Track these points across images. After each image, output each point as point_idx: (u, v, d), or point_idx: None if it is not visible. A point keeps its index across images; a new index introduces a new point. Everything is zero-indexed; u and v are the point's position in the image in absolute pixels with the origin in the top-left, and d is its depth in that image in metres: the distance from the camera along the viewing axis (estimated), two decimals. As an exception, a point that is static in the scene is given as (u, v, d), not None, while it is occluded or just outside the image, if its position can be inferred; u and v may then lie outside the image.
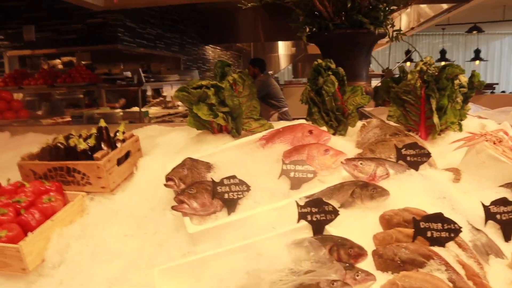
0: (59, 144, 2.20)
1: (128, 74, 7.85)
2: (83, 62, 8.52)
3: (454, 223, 1.52)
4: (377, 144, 2.11)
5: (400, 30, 3.26)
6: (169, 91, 8.24)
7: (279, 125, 2.38)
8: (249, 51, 15.93)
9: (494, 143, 2.04)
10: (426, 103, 2.27)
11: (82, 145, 2.11)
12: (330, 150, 1.96)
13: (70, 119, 6.22)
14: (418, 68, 2.28)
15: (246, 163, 2.03)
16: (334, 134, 2.38)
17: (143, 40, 8.33)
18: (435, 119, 2.21)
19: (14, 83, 7.17)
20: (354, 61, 3.07)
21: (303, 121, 2.32)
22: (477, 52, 17.47)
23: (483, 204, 1.73)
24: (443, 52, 17.43)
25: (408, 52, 16.65)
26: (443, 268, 1.41)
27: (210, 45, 13.20)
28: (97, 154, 2.06)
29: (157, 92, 9.91)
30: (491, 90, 7.45)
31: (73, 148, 2.17)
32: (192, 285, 1.51)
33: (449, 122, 2.31)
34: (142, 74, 6.80)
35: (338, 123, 2.34)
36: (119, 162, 2.18)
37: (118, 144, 2.25)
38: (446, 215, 1.53)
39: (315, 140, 2.07)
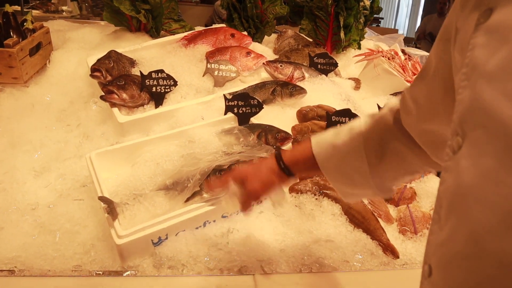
0: (-44, 29, 1.99)
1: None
2: None
3: (358, 117, 1.79)
4: (292, 52, 2.30)
5: None
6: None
7: (199, 28, 2.42)
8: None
9: (389, 59, 2.36)
10: (334, 20, 2.49)
11: (-11, 31, 1.94)
12: (252, 53, 2.09)
13: None
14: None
15: (170, 60, 2.07)
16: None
17: None
18: (342, 34, 2.45)
19: None
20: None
21: (224, 25, 2.40)
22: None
23: (378, 106, 2.04)
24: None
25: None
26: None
27: None
28: (8, 41, 1.92)
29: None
30: (377, 24, 8.12)
31: (-26, 34, 1.98)
32: (129, 169, 1.58)
33: (352, 39, 2.58)
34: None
35: (256, 30, 2.46)
36: (31, 53, 2.06)
37: (28, 34, 2.10)
38: (350, 112, 1.81)
39: (237, 43, 2.18)
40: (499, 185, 0.47)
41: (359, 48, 2.69)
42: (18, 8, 5.68)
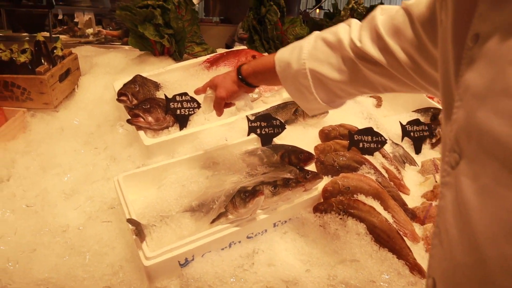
0: (-10, 58, 2.08)
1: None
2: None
3: (381, 135, 1.80)
4: (313, 71, 2.32)
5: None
6: (81, 18, 7.66)
7: (221, 51, 2.47)
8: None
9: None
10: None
11: (22, 58, 2.03)
12: (273, 74, 2.12)
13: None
14: (350, 6, 2.48)
15: (193, 83, 2.12)
16: (272, 62, 2.54)
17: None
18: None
19: None
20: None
21: (245, 47, 2.44)
22: (381, 3, 18.43)
23: (401, 123, 2.04)
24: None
25: (318, -1, 17.01)
26: (372, 171, 1.70)
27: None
28: (40, 69, 2.00)
29: (60, 21, 9.09)
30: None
31: (7, 62, 2.07)
32: (156, 191, 1.61)
33: (372, 56, 2.59)
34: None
35: (276, 51, 2.49)
36: (60, 78, 2.14)
37: (58, 61, 2.19)
38: (372, 131, 1.82)
39: (258, 65, 2.21)
40: (498, 198, 0.50)
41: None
42: (47, 34, 5.88)
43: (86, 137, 2.04)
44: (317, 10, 15.53)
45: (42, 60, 2.10)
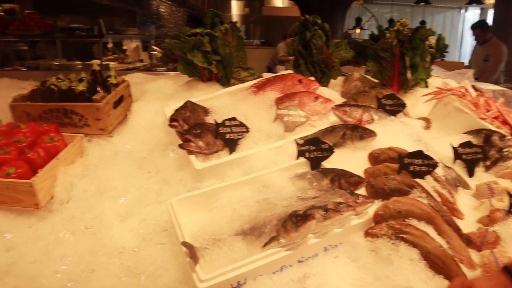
0: (52, 86, 2.21)
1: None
2: (26, 11, 7.98)
3: (432, 159, 1.77)
4: (359, 94, 2.33)
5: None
6: (129, 45, 8.02)
7: (267, 75, 2.52)
8: (202, 9, 15.62)
9: (460, 97, 2.32)
10: (400, 60, 2.49)
11: (81, 87, 2.14)
12: (320, 98, 2.14)
13: (26, 70, 5.93)
14: (395, 28, 2.48)
15: (241, 108, 2.17)
16: (317, 84, 2.57)
17: (101, -11, 7.95)
18: (408, 74, 2.44)
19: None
20: (331, 20, 3.24)
21: (291, 71, 2.48)
22: (422, 23, 18.20)
23: (452, 146, 2.00)
24: (391, 21, 17.97)
25: (358, 19, 17.02)
26: (424, 195, 1.67)
27: (164, 1, 12.80)
28: (96, 96, 2.11)
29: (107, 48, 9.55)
30: (441, 58, 8.04)
31: (67, 90, 2.19)
32: (208, 214, 1.65)
33: (419, 78, 2.57)
34: (103, 26, 6.56)
35: (322, 74, 2.52)
36: (115, 105, 2.24)
37: (112, 89, 2.30)
38: (422, 154, 1.79)
39: (304, 89, 2.25)
40: None
41: (427, 86, 2.67)
42: (98, 61, 6.22)
43: (139, 161, 2.11)
44: (358, 30, 15.50)
45: (98, 88, 2.21)
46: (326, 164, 1.85)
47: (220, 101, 2.26)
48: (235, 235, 1.48)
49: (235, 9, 15.75)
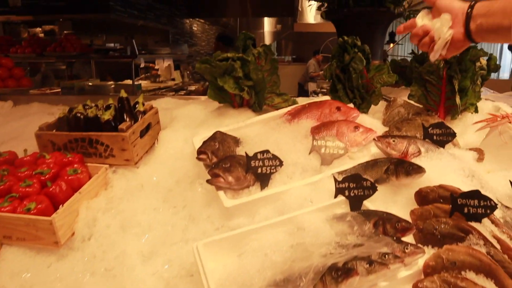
0: (78, 114, 2.14)
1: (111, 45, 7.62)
2: (65, 32, 8.20)
3: (490, 200, 1.56)
4: (403, 122, 2.14)
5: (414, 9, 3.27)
6: (161, 64, 8.08)
7: (302, 100, 2.37)
8: (235, 26, 15.69)
9: (516, 125, 2.09)
10: (447, 84, 2.29)
11: (106, 116, 2.06)
12: (360, 127, 1.97)
13: (60, 90, 6.03)
14: (440, 50, 2.28)
15: (274, 137, 2.03)
16: (356, 111, 2.39)
17: (134, 10, 8.05)
18: (457, 99, 2.24)
19: (-1, 50, 6.86)
20: (371, 40, 3.06)
21: (328, 97, 2.33)
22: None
23: (511, 182, 1.78)
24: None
25: (392, 34, 16.69)
26: (481, 242, 1.46)
27: (197, 19, 12.91)
28: (122, 126, 2.02)
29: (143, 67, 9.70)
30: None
31: (93, 119, 2.11)
32: (236, 259, 1.50)
33: (468, 103, 2.35)
34: (136, 46, 6.63)
35: (362, 100, 2.35)
36: (141, 134, 2.15)
37: (139, 116, 2.21)
38: (476, 193, 1.58)
39: (343, 117, 2.08)
40: None
41: (477, 111, 2.44)
42: (129, 81, 6.29)
43: (165, 193, 2.00)
44: (391, 45, 15.18)
45: (125, 116, 2.12)
46: (368, 202, 1.67)
47: (251, 130, 2.12)
48: (267, 286, 1.33)
49: (267, 26, 15.73)
